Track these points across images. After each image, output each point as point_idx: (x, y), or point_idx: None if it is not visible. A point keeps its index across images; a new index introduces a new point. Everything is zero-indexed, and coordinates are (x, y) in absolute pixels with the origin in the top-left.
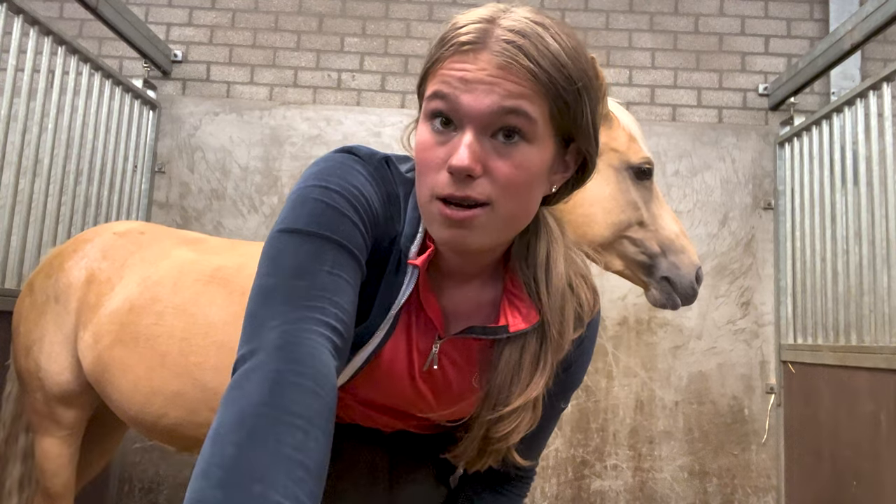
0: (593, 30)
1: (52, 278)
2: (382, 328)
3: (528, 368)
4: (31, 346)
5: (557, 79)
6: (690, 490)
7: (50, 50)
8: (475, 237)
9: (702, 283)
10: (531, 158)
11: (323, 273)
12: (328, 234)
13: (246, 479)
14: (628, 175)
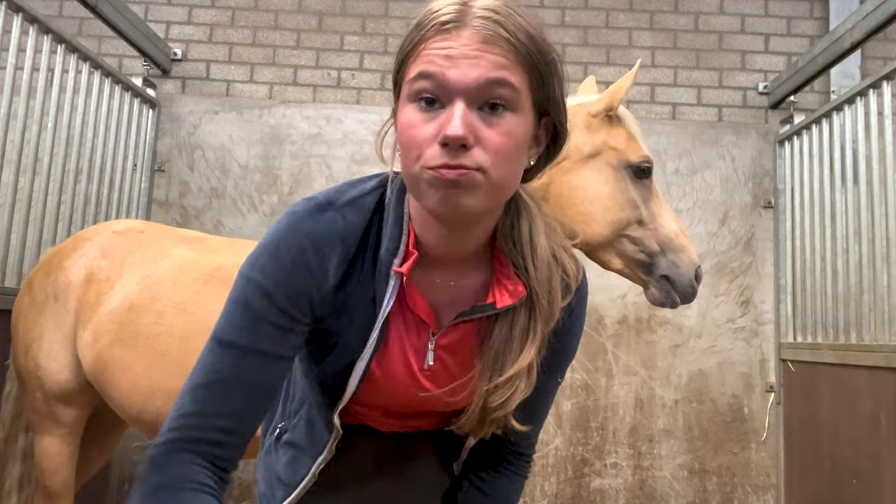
0: (593, 28)
1: (51, 277)
2: (371, 341)
3: (520, 339)
4: (31, 345)
5: (533, 50)
6: (690, 488)
7: (49, 48)
8: (469, 199)
9: (701, 282)
10: (517, 127)
11: (233, 385)
12: (249, 345)
13: None
14: (627, 174)
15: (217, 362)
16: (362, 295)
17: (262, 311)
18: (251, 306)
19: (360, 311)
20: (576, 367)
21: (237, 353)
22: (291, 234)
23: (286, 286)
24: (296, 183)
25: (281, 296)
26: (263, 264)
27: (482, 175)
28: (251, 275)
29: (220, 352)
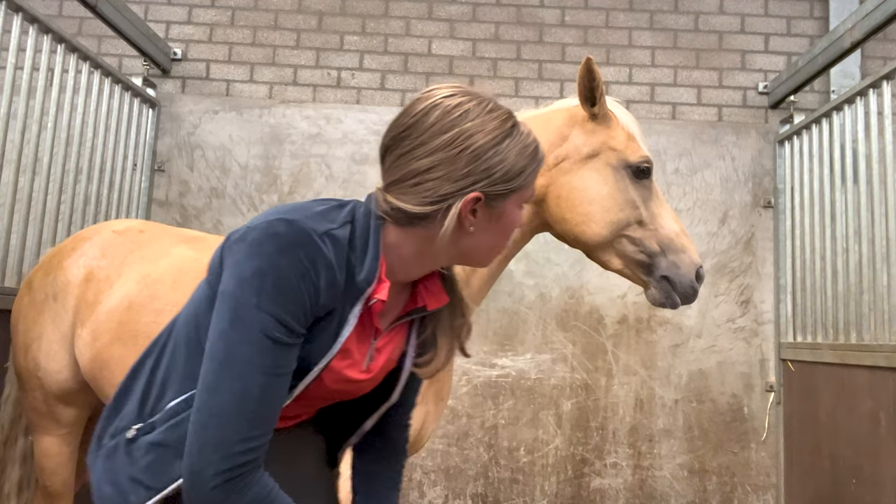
0: (593, 28)
1: (50, 276)
2: (333, 350)
3: (442, 336)
4: (30, 345)
5: None
6: (690, 488)
7: (49, 48)
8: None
9: (703, 283)
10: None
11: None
12: (276, 371)
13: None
14: (626, 174)
15: (245, 392)
16: (334, 313)
17: (281, 340)
18: (272, 336)
19: (329, 324)
20: (576, 367)
21: (266, 378)
22: (288, 260)
23: (294, 310)
24: (296, 183)
25: (291, 320)
26: (271, 293)
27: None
28: (263, 306)
29: (249, 376)
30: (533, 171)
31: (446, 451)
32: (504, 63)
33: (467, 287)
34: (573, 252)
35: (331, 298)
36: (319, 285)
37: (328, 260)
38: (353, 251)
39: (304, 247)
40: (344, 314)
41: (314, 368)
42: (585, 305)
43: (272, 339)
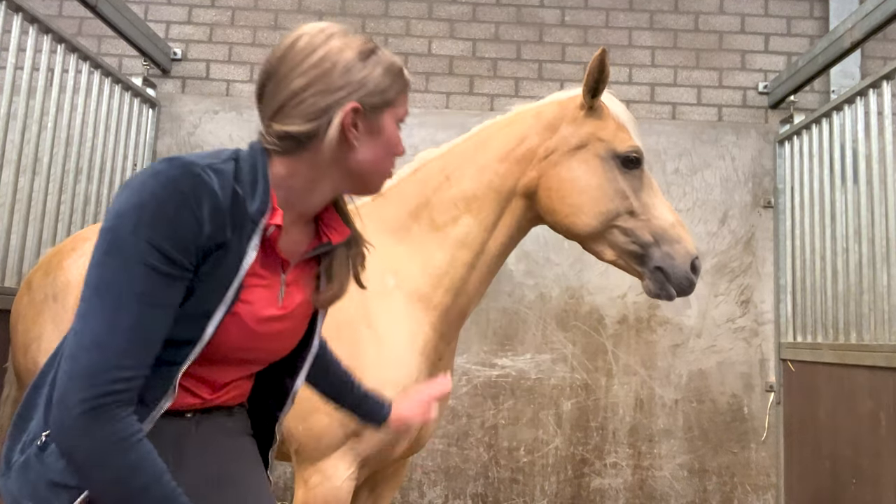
0: (593, 28)
1: (50, 276)
2: (234, 287)
3: (345, 267)
4: (30, 345)
5: None
6: (690, 488)
7: (49, 48)
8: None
9: (699, 274)
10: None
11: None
12: (149, 301)
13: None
14: (615, 164)
15: (119, 317)
16: (228, 246)
17: (155, 267)
18: (146, 263)
19: (225, 260)
20: (576, 367)
21: (139, 307)
22: (167, 190)
23: (174, 239)
24: None
25: (171, 248)
26: (149, 221)
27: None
28: (140, 233)
29: (120, 305)
30: (402, 88)
31: (446, 451)
32: (504, 63)
33: (468, 280)
34: (573, 252)
35: (217, 228)
36: (202, 214)
37: (210, 188)
38: (241, 184)
39: (184, 178)
40: (241, 248)
41: (220, 306)
42: (585, 305)
43: (149, 266)
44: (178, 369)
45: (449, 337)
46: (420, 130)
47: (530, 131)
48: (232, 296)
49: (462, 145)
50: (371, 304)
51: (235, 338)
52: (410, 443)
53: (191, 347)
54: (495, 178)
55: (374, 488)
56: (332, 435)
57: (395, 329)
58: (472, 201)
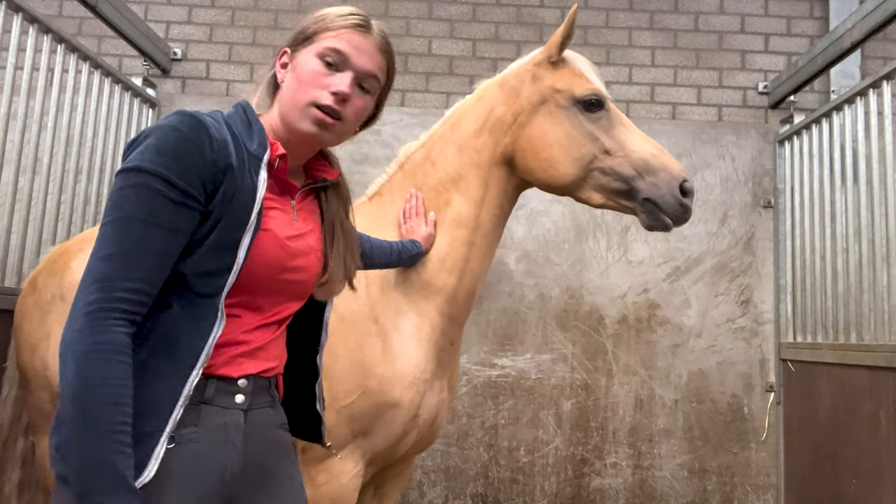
0: (593, 27)
1: (56, 276)
2: (254, 215)
3: (343, 205)
4: (38, 345)
5: (392, 70)
6: (690, 488)
7: (49, 48)
8: (327, 136)
9: (693, 197)
10: (368, 105)
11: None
12: (154, 220)
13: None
14: (578, 110)
15: (125, 235)
16: (238, 182)
17: (159, 191)
18: (150, 187)
19: (239, 195)
20: (576, 367)
21: (142, 226)
22: (168, 130)
23: (177, 167)
24: None
25: (174, 175)
26: (151, 157)
27: (341, 124)
28: (141, 165)
29: (126, 227)
30: (325, 25)
31: (446, 451)
32: (504, 63)
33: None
34: (573, 252)
35: (220, 155)
36: (203, 145)
37: (207, 126)
38: (235, 130)
39: (183, 120)
40: (253, 181)
41: (246, 233)
42: (585, 305)
43: (154, 190)
44: (220, 297)
45: (460, 320)
46: (420, 130)
47: (496, 101)
48: (255, 222)
49: (440, 129)
50: (375, 298)
51: (269, 257)
52: (421, 437)
53: (228, 273)
54: (474, 153)
55: (379, 487)
56: (339, 433)
57: (399, 322)
58: (458, 180)
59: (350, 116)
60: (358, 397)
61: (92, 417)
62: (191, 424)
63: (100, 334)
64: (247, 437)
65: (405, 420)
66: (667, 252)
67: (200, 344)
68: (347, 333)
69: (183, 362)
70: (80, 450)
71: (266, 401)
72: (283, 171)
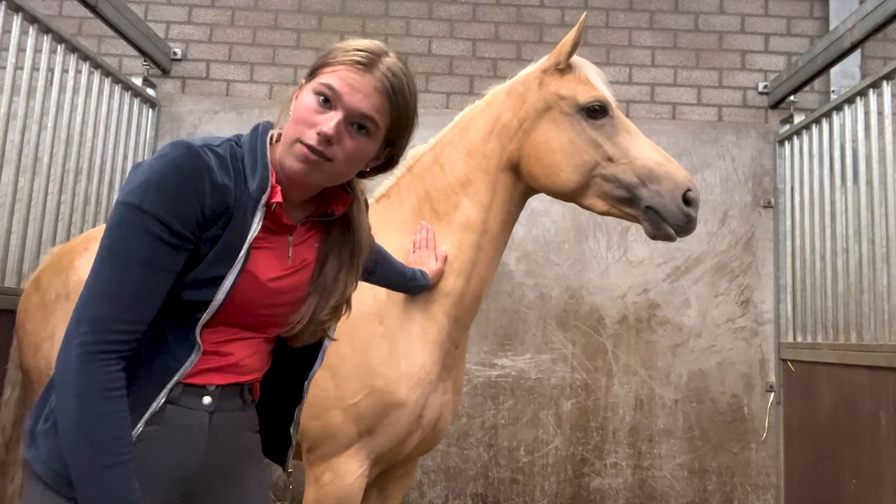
0: (593, 28)
1: (61, 276)
2: (241, 255)
3: (351, 267)
4: (41, 344)
5: (402, 111)
6: (690, 488)
7: (49, 48)
8: (314, 175)
9: (698, 207)
10: (366, 147)
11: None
12: (152, 265)
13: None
14: (582, 117)
15: (125, 277)
16: (231, 223)
17: (159, 236)
18: (151, 232)
19: (233, 231)
20: (576, 367)
21: (143, 270)
22: (170, 169)
23: (176, 211)
24: None
25: (174, 221)
26: (154, 197)
27: (329, 164)
28: (145, 207)
29: (126, 269)
30: (323, 62)
31: (446, 451)
32: (504, 63)
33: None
34: (573, 252)
35: (218, 200)
36: (203, 188)
37: (208, 166)
38: (240, 163)
39: (185, 158)
40: (246, 222)
41: (231, 272)
42: (585, 305)
43: (153, 235)
44: (196, 329)
45: (465, 323)
46: (420, 130)
47: (503, 107)
48: (241, 263)
49: (448, 134)
50: (382, 299)
51: (247, 297)
52: (425, 438)
53: (206, 308)
54: (482, 159)
55: (383, 489)
56: (345, 432)
57: (405, 323)
58: (466, 185)
59: (340, 157)
60: (364, 397)
61: (103, 454)
62: (154, 423)
63: (98, 375)
64: (210, 438)
65: (410, 420)
66: (667, 252)
67: (174, 369)
68: (354, 334)
69: (151, 387)
70: (97, 481)
71: (236, 404)
72: (280, 215)
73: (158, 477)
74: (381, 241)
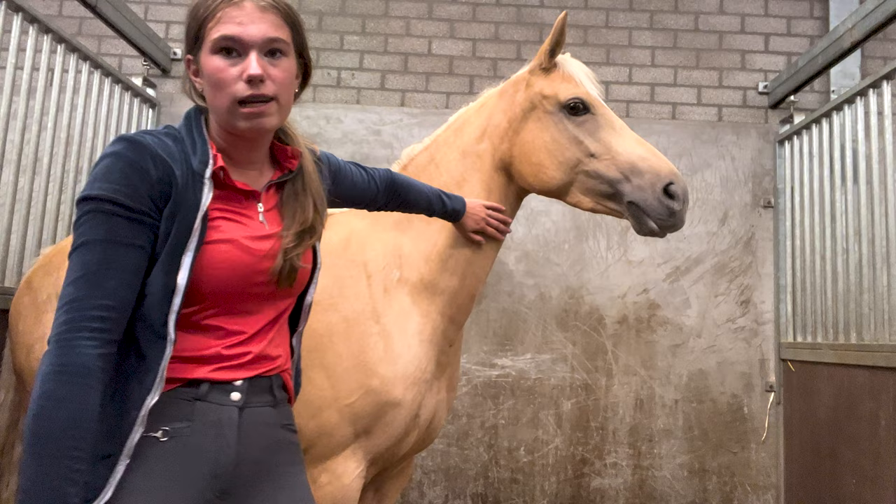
0: (593, 28)
1: (52, 276)
2: (194, 235)
3: (303, 194)
4: (33, 345)
5: (290, 17)
6: (690, 488)
7: (49, 48)
8: (269, 121)
9: (683, 200)
10: (290, 66)
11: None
12: (112, 239)
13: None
14: (564, 115)
15: (88, 258)
16: (181, 200)
17: (113, 212)
18: (103, 211)
19: (182, 212)
20: (576, 367)
21: (103, 247)
22: (110, 158)
23: (125, 190)
24: None
25: (123, 198)
26: (101, 184)
27: (275, 103)
28: (91, 193)
29: (88, 250)
30: (203, 19)
31: (446, 451)
32: (504, 63)
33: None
34: (573, 252)
35: (164, 173)
36: (147, 166)
37: (146, 144)
38: (181, 144)
39: (127, 146)
40: (197, 197)
41: (189, 245)
42: (585, 305)
43: (106, 213)
44: (169, 319)
45: (460, 321)
46: (420, 130)
47: (495, 109)
48: (197, 238)
49: (444, 134)
50: (378, 298)
51: (234, 265)
52: (420, 437)
53: (174, 293)
54: (476, 159)
55: (379, 487)
56: (341, 432)
57: (401, 322)
58: (462, 184)
59: (277, 89)
60: (360, 396)
61: (45, 441)
62: (184, 419)
63: (65, 356)
64: (242, 435)
65: (406, 420)
66: (667, 252)
67: (154, 366)
68: (350, 333)
69: (139, 387)
70: (30, 471)
71: (267, 400)
72: (229, 179)
73: (191, 474)
74: (376, 240)
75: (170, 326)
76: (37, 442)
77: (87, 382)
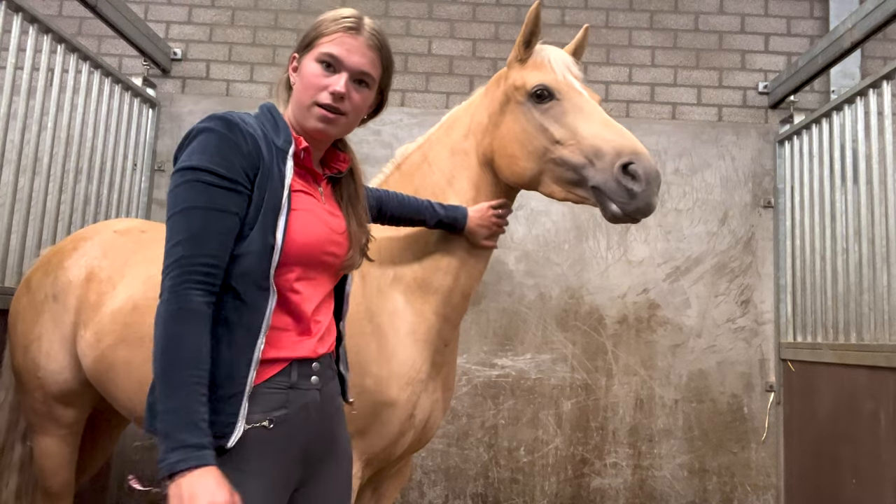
0: (593, 28)
1: (50, 276)
2: (284, 203)
3: (357, 191)
4: (30, 345)
5: (389, 61)
6: (690, 488)
7: (49, 48)
8: (332, 129)
9: (647, 181)
10: (368, 97)
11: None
12: (211, 206)
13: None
14: (532, 104)
15: (192, 222)
16: (268, 173)
17: (211, 182)
18: (203, 181)
19: (270, 182)
20: (576, 367)
21: (203, 212)
22: (205, 133)
23: (220, 161)
24: None
25: (220, 168)
26: (199, 156)
27: (344, 119)
28: (192, 164)
29: (190, 215)
30: (321, 32)
31: (446, 451)
32: (504, 63)
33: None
34: (573, 252)
35: (255, 147)
36: (240, 141)
37: (237, 121)
38: (262, 126)
39: (217, 121)
40: (282, 171)
41: (281, 212)
42: (585, 305)
43: (204, 182)
44: (270, 274)
45: (455, 321)
46: (420, 130)
47: (479, 106)
48: (286, 205)
49: (436, 133)
50: (372, 298)
51: (314, 233)
52: (416, 437)
53: (272, 252)
54: (463, 156)
55: (377, 487)
56: None
57: (395, 321)
58: (452, 181)
59: (351, 110)
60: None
61: (173, 370)
62: (282, 408)
63: (180, 301)
64: (320, 412)
65: (401, 419)
66: (667, 252)
67: (261, 316)
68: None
69: (247, 333)
70: (163, 395)
71: (330, 375)
72: (308, 161)
73: (290, 456)
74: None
75: (271, 279)
76: (165, 372)
77: (201, 323)
